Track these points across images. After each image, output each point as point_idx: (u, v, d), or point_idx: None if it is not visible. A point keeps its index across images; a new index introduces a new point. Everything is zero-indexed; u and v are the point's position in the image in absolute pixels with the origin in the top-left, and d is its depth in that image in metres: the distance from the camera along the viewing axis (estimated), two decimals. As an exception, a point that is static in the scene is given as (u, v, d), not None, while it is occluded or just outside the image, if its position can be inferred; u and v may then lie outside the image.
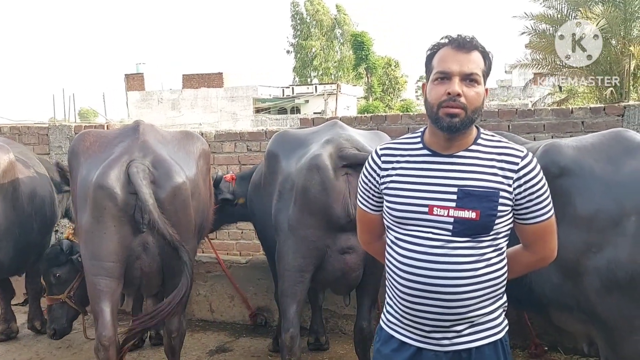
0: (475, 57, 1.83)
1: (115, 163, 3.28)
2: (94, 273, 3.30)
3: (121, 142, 3.47)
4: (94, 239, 3.27)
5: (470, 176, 1.82)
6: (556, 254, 2.02)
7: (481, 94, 1.84)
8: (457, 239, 1.81)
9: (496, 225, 1.83)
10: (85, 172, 3.41)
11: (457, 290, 1.81)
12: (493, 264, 1.85)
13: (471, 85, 1.81)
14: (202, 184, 3.75)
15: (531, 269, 2.08)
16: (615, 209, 2.57)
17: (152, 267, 3.39)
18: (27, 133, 6.42)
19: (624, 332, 2.58)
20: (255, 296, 5.15)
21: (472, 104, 1.80)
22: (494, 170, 1.83)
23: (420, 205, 1.84)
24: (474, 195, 1.80)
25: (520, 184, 1.83)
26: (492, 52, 1.89)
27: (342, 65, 45.84)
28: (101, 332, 3.29)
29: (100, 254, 3.26)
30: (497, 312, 1.93)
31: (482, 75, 1.84)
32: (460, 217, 1.80)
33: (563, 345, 4.22)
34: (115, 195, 3.20)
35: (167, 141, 3.64)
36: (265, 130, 5.85)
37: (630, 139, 2.75)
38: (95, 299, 3.34)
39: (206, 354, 4.58)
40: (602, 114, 4.64)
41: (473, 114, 1.81)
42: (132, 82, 36.01)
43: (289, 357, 3.41)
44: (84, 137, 3.64)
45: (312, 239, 3.25)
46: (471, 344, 1.87)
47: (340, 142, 3.29)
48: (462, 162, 1.84)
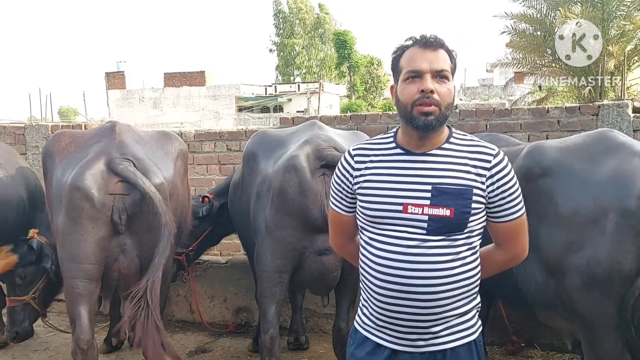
0: (442, 54, 1.84)
1: (91, 163, 3.23)
2: (72, 275, 3.24)
3: (97, 143, 3.41)
4: (71, 240, 3.22)
5: (443, 174, 1.83)
6: (527, 253, 2.03)
7: (452, 90, 1.85)
8: (432, 237, 1.81)
9: (470, 223, 1.84)
10: (61, 173, 3.34)
11: (433, 290, 1.81)
12: (468, 262, 1.86)
13: (442, 81, 1.82)
14: (180, 184, 3.73)
15: (503, 268, 2.09)
16: (594, 208, 2.61)
17: (131, 269, 3.35)
18: (4, 133, 6.31)
19: (603, 329, 2.62)
20: (235, 296, 5.14)
21: (445, 100, 1.82)
22: (467, 167, 1.85)
23: (395, 203, 1.84)
24: (448, 193, 1.81)
25: (492, 182, 1.85)
26: (457, 52, 1.91)
27: (324, 64, 45.83)
28: (79, 336, 3.24)
29: (78, 256, 3.21)
30: (472, 312, 1.94)
31: (451, 71, 1.86)
32: (435, 215, 1.80)
33: (539, 341, 4.28)
34: (92, 196, 3.15)
35: (145, 141, 3.60)
36: (245, 129, 5.84)
37: (613, 138, 2.79)
38: (73, 302, 3.27)
39: (186, 355, 4.55)
40: (577, 114, 4.71)
41: (446, 110, 1.83)
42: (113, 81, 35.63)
43: (269, 358, 3.40)
44: (59, 137, 3.57)
45: (290, 240, 3.25)
46: (446, 344, 1.88)
47: (319, 143, 3.29)
48: (436, 160, 1.85)
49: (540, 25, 14.18)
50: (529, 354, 4.23)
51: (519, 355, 4.21)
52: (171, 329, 5.01)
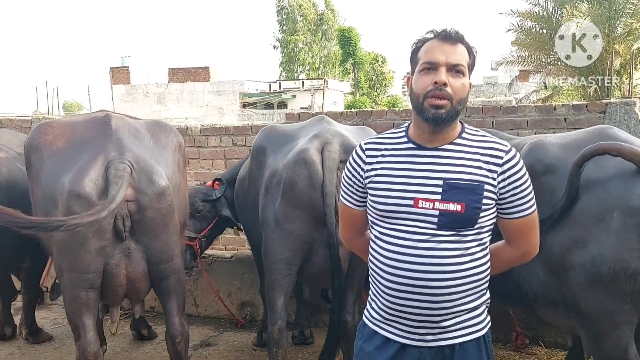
0: (460, 49, 1.84)
1: (90, 167, 2.98)
2: (75, 286, 3.05)
3: (93, 139, 3.14)
4: (71, 250, 2.99)
5: (455, 169, 1.83)
6: (538, 250, 2.02)
7: (466, 85, 1.85)
8: (442, 232, 1.81)
9: (480, 219, 1.84)
10: (52, 172, 3.07)
11: (443, 285, 1.81)
12: (477, 258, 1.86)
13: (457, 76, 1.82)
14: (181, 180, 3.58)
15: (513, 265, 2.09)
16: (599, 206, 2.60)
17: (138, 273, 3.16)
18: (10, 126, 6.36)
19: (606, 327, 2.62)
20: (239, 291, 5.15)
21: (458, 94, 1.81)
22: (479, 163, 1.84)
23: (406, 198, 1.84)
24: (459, 188, 1.81)
25: (504, 178, 1.84)
26: (477, 48, 1.90)
27: (328, 61, 45.77)
28: (85, 348, 3.07)
29: (80, 265, 2.99)
30: (481, 308, 1.94)
31: (468, 67, 1.85)
32: (446, 210, 1.80)
33: (544, 339, 4.28)
34: (93, 204, 2.88)
35: (141, 135, 3.36)
36: (250, 124, 5.86)
37: (614, 135, 2.78)
38: (77, 313, 3.09)
39: (190, 348, 4.55)
40: (584, 111, 4.70)
41: (458, 104, 1.82)
42: (118, 76, 35.63)
43: (277, 350, 3.42)
44: (44, 129, 3.25)
45: (299, 232, 3.27)
46: (455, 340, 1.88)
47: (327, 137, 3.31)
48: (447, 156, 1.85)
49: (546, 23, 14.15)
50: (533, 351, 4.23)
51: (524, 352, 4.21)
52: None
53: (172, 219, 3.22)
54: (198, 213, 4.32)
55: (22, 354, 4.51)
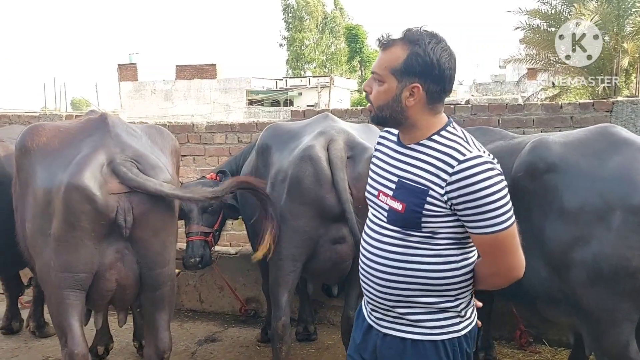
0: (387, 55, 1.81)
1: (89, 159, 2.88)
2: (64, 286, 2.90)
3: (90, 137, 3.07)
4: (68, 247, 2.86)
5: (409, 169, 1.85)
6: (518, 274, 1.84)
7: (382, 92, 1.83)
8: (389, 226, 1.89)
9: (426, 224, 1.81)
10: (47, 172, 2.97)
11: (384, 274, 1.89)
12: (425, 262, 1.83)
13: (376, 83, 1.87)
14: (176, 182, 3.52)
15: (490, 283, 1.91)
16: (601, 204, 2.61)
17: (129, 279, 3.02)
18: (18, 122, 6.37)
19: (607, 324, 2.63)
20: (244, 287, 5.17)
21: (375, 102, 1.87)
22: (430, 167, 1.79)
23: (374, 188, 1.97)
24: (406, 188, 1.83)
25: (453, 188, 1.74)
26: (428, 42, 1.76)
27: (334, 58, 45.73)
28: (73, 350, 2.93)
29: (74, 264, 2.87)
30: (447, 313, 1.88)
31: (392, 73, 1.79)
32: (391, 207, 1.87)
33: (548, 337, 4.27)
34: (94, 197, 2.79)
35: (139, 135, 3.31)
36: (256, 121, 5.87)
37: (616, 134, 2.80)
38: (64, 314, 2.94)
39: (195, 344, 4.60)
40: (591, 110, 4.68)
41: (379, 111, 1.86)
42: (125, 73, 35.73)
43: (280, 346, 3.44)
44: (37, 130, 3.15)
45: (305, 228, 3.29)
46: (407, 334, 1.89)
47: (332, 134, 3.33)
48: (409, 155, 1.88)
49: (554, 21, 14.08)
50: (537, 349, 4.23)
51: (527, 350, 4.21)
52: (180, 318, 5.07)
53: (172, 216, 3.18)
54: (210, 207, 4.29)
55: (29, 348, 4.55)
